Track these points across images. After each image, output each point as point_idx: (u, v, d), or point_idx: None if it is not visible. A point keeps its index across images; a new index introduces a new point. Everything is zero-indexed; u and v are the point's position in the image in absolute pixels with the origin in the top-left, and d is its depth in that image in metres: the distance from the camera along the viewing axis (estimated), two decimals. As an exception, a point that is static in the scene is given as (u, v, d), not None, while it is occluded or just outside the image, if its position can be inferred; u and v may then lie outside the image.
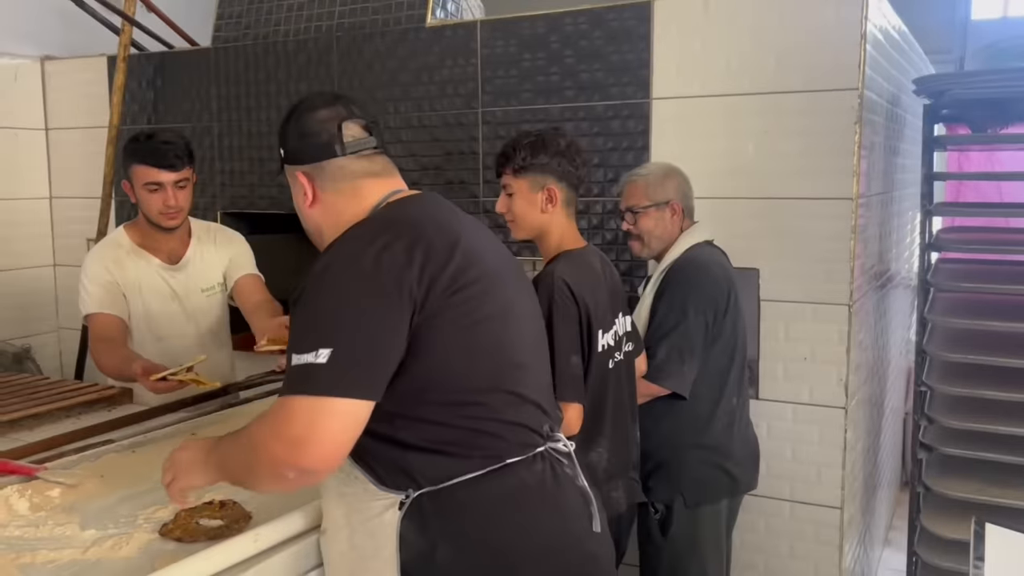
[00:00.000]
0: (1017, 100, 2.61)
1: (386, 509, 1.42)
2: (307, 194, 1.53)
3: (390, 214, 1.47)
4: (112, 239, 2.60)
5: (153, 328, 2.53)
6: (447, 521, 1.40)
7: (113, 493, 1.74)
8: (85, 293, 2.48)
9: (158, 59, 3.82)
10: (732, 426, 2.37)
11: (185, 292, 2.58)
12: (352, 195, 1.51)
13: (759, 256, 2.69)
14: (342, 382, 1.28)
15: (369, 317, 1.32)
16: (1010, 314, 2.92)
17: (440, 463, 1.40)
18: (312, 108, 1.54)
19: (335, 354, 1.28)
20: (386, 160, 1.58)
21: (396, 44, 3.23)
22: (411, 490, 1.40)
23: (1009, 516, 2.67)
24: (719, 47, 2.70)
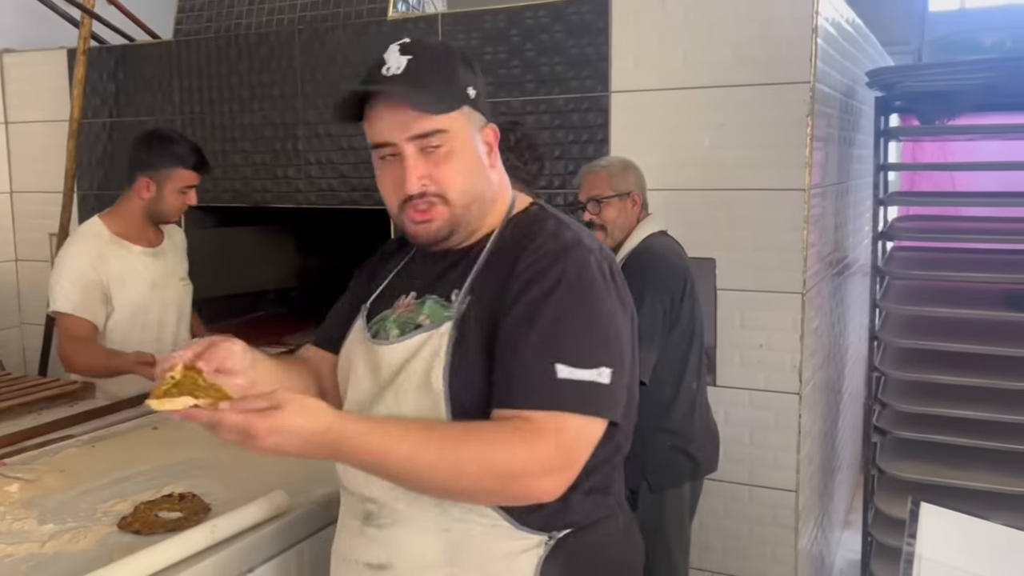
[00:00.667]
0: (964, 92, 2.68)
1: (524, 551, 1.25)
2: (493, 151, 1.33)
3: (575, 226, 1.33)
4: (90, 231, 2.61)
5: (138, 315, 2.59)
6: (591, 560, 1.30)
7: (72, 488, 1.75)
8: (61, 290, 2.49)
9: (119, 52, 3.80)
10: (693, 410, 2.43)
11: (164, 279, 2.67)
12: (504, 172, 1.38)
13: (715, 246, 2.74)
14: (615, 408, 1.20)
15: (624, 337, 1.26)
16: (961, 301, 2.99)
17: (588, 500, 1.29)
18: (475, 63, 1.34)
19: (613, 376, 1.18)
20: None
21: (358, 37, 3.24)
22: (555, 531, 1.26)
23: (960, 497, 2.75)
24: (676, 41, 2.74)
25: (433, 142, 1.24)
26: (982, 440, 2.81)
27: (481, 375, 1.22)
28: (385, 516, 1.29)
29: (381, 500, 1.29)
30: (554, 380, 1.15)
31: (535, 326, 1.19)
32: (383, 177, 1.30)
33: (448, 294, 1.29)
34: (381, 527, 1.29)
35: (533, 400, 1.16)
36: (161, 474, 1.81)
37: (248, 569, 1.50)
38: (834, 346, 3.34)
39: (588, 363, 1.17)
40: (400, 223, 1.32)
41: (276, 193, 3.47)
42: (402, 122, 1.24)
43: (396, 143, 1.25)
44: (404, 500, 1.26)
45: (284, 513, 1.60)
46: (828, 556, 3.51)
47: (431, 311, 1.29)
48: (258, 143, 3.48)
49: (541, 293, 1.21)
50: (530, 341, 1.18)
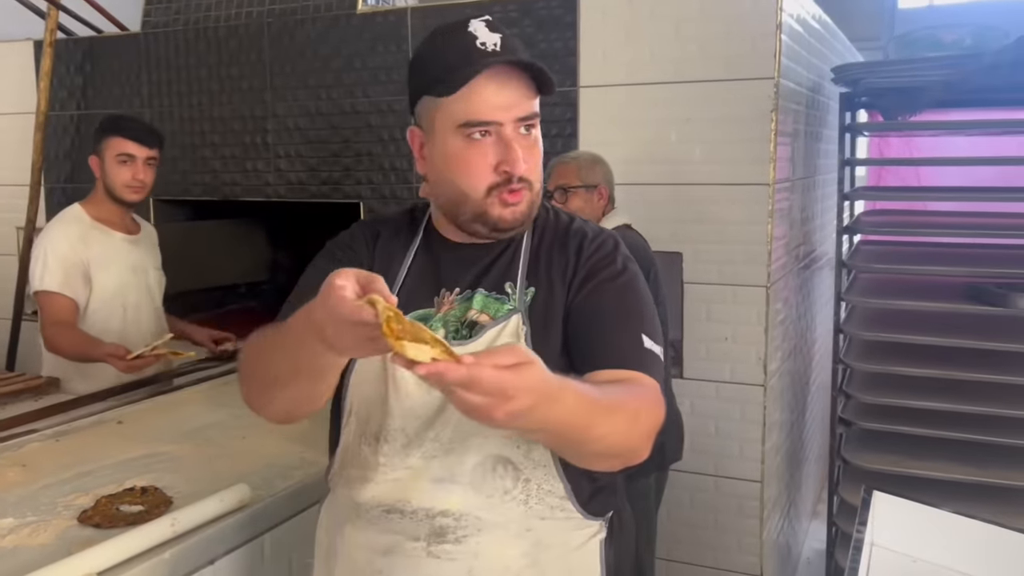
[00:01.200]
0: (925, 88, 2.72)
1: (589, 539, 1.27)
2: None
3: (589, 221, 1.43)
4: (72, 215, 2.66)
5: (119, 300, 2.63)
6: (627, 537, 1.36)
7: (34, 482, 1.75)
8: (44, 268, 2.54)
9: (87, 44, 3.76)
10: None
11: (143, 266, 2.73)
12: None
13: (682, 240, 2.76)
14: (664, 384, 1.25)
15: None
16: (924, 294, 3.04)
17: (618, 482, 1.35)
18: None
19: (664, 355, 1.27)
20: None
21: (327, 30, 3.23)
22: (609, 512, 1.31)
23: (922, 486, 2.80)
24: (643, 36, 2.76)
25: (532, 123, 1.23)
26: (944, 431, 2.86)
27: (557, 364, 1.13)
28: (463, 527, 1.22)
29: (457, 511, 1.22)
30: (643, 348, 1.21)
31: (620, 301, 1.25)
32: (471, 156, 1.21)
33: (500, 287, 1.27)
34: (459, 540, 1.22)
35: (631, 362, 1.20)
36: (124, 468, 1.82)
37: (209, 561, 1.51)
38: (802, 338, 3.38)
39: (656, 338, 1.25)
40: (479, 208, 1.23)
41: (245, 186, 3.46)
42: (511, 101, 1.20)
43: (501, 122, 1.20)
44: (485, 505, 1.21)
45: (246, 506, 1.61)
46: (795, 546, 3.56)
47: (484, 305, 1.26)
48: (227, 136, 3.46)
49: (614, 273, 1.27)
50: (619, 314, 1.24)
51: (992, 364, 2.79)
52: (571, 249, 1.30)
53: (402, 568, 1.23)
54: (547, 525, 1.23)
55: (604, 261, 1.29)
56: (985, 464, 2.83)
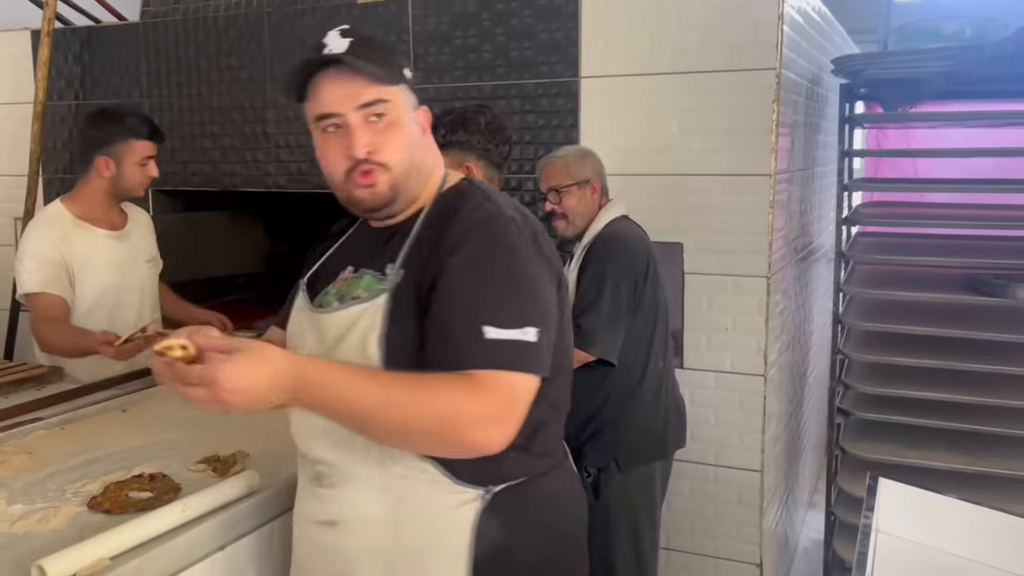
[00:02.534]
0: (925, 80, 2.73)
1: (461, 504, 1.33)
2: (426, 132, 1.42)
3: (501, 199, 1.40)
4: (53, 214, 2.61)
5: (104, 298, 2.59)
6: (524, 515, 1.37)
7: (42, 468, 1.75)
8: (27, 272, 2.50)
9: (85, 34, 3.75)
10: (660, 389, 2.47)
11: (131, 262, 2.68)
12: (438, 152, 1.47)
13: (683, 230, 2.77)
14: (542, 364, 1.26)
15: (549, 299, 1.32)
16: (922, 285, 3.06)
17: (522, 458, 1.36)
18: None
19: (539, 335, 1.25)
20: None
21: (327, 20, 3.22)
22: (491, 485, 1.34)
23: (919, 475, 2.82)
24: (644, 26, 2.77)
25: (377, 110, 1.32)
26: (941, 421, 2.88)
27: (414, 344, 1.29)
28: (333, 476, 1.38)
29: (329, 461, 1.38)
30: (483, 341, 1.21)
31: (462, 292, 1.26)
32: (326, 149, 1.36)
33: (383, 268, 1.37)
34: (331, 486, 1.39)
35: (466, 361, 1.21)
36: (130, 455, 1.82)
37: (220, 547, 1.52)
38: (800, 329, 3.40)
39: (513, 323, 1.23)
40: (344, 193, 1.38)
41: (245, 177, 3.46)
42: (348, 93, 1.31)
43: (342, 113, 1.32)
44: (348, 460, 1.36)
45: (254, 492, 1.61)
46: (793, 535, 3.59)
47: (367, 284, 1.37)
48: (227, 126, 3.46)
49: (466, 260, 1.27)
50: (456, 306, 1.25)
51: (989, 354, 2.82)
52: (441, 233, 1.33)
53: (301, 499, 1.48)
54: (407, 484, 1.33)
55: (459, 245, 1.29)
56: (982, 453, 2.86)
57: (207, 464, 1.74)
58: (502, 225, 1.32)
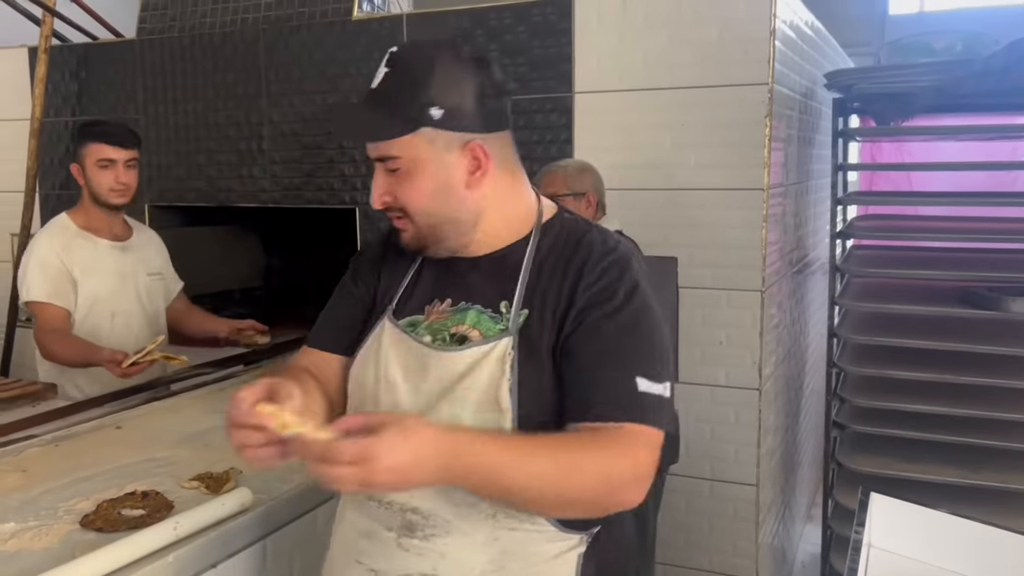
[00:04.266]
0: (917, 94, 2.75)
1: (565, 551, 1.27)
2: (483, 169, 1.24)
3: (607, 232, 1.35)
4: (58, 224, 2.68)
5: (106, 306, 2.63)
6: (615, 555, 1.34)
7: (34, 487, 1.75)
8: (33, 280, 2.55)
9: (82, 50, 3.77)
10: None
11: (134, 271, 2.71)
12: (519, 180, 1.33)
13: (677, 245, 2.78)
14: (667, 419, 1.22)
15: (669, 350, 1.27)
16: (917, 298, 3.07)
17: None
18: (487, 65, 1.26)
19: (672, 389, 1.22)
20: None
21: (322, 37, 3.24)
22: (594, 527, 1.30)
23: (916, 489, 2.82)
24: (636, 42, 2.78)
25: (389, 165, 1.25)
26: (937, 434, 2.88)
27: (548, 392, 1.22)
28: (431, 527, 1.25)
29: (426, 510, 1.25)
30: (636, 393, 1.17)
31: (614, 340, 1.20)
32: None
33: (495, 305, 1.27)
34: (426, 538, 1.25)
35: (618, 413, 1.17)
36: (124, 473, 1.81)
37: (212, 564, 1.51)
38: (795, 343, 3.40)
39: (659, 377, 1.19)
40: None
41: (241, 192, 3.47)
42: (369, 143, 1.27)
43: (372, 158, 1.28)
44: (453, 511, 1.24)
45: (247, 509, 1.61)
46: (790, 549, 3.58)
47: (478, 322, 1.27)
48: (223, 142, 3.47)
49: (613, 309, 1.21)
50: (610, 355, 1.19)
51: (984, 367, 2.82)
52: (572, 269, 1.26)
53: (376, 553, 1.29)
54: (516, 536, 1.25)
55: (604, 293, 1.23)
56: (978, 467, 2.86)
57: (200, 481, 1.74)
58: (636, 269, 1.27)
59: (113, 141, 2.57)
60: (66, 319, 2.57)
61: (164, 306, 2.84)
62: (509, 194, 1.30)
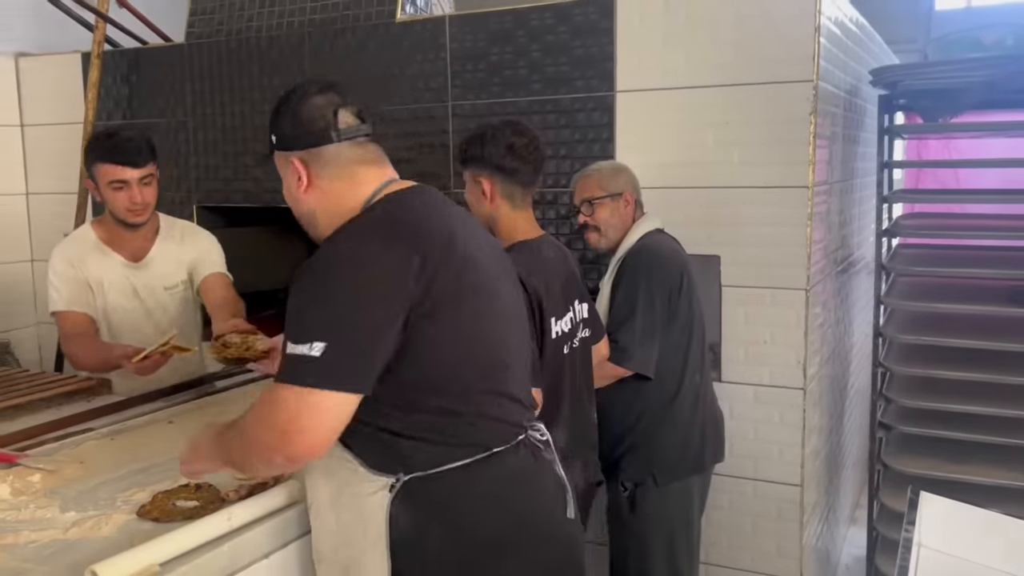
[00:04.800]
0: (966, 90, 2.71)
1: (376, 491, 1.47)
2: (302, 179, 1.56)
3: (390, 210, 1.51)
4: (78, 235, 2.65)
5: (112, 325, 2.58)
6: (437, 505, 1.47)
7: (92, 478, 1.80)
8: (53, 291, 2.54)
9: (132, 55, 3.86)
10: (697, 403, 2.46)
11: (147, 290, 2.61)
12: (349, 181, 1.55)
13: (720, 243, 2.77)
14: (333, 376, 1.34)
15: (365, 314, 1.37)
16: (964, 297, 3.02)
17: (430, 450, 1.46)
18: (307, 95, 1.56)
19: (328, 348, 1.33)
20: (378, 148, 1.62)
21: (367, 39, 3.28)
22: (401, 474, 1.46)
23: (964, 491, 2.78)
24: (679, 41, 2.78)
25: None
26: (986, 435, 2.84)
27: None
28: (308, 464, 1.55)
29: None
30: (285, 356, 1.37)
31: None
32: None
33: None
34: (305, 471, 1.59)
35: (277, 376, 1.38)
36: (177, 465, 1.84)
37: (264, 554, 1.56)
38: (839, 343, 3.37)
39: (300, 339, 1.35)
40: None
41: (287, 193, 3.52)
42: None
43: None
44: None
45: (296, 502, 1.65)
46: (834, 552, 3.54)
47: None
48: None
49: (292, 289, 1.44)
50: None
51: (1035, 367, 2.77)
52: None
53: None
54: (342, 473, 1.51)
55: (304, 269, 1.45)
56: (1028, 468, 2.81)
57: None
58: (334, 244, 1.46)
59: (124, 160, 2.42)
60: (88, 323, 2.53)
61: (190, 315, 2.74)
62: (340, 195, 1.55)
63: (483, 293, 1.53)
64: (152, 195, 2.51)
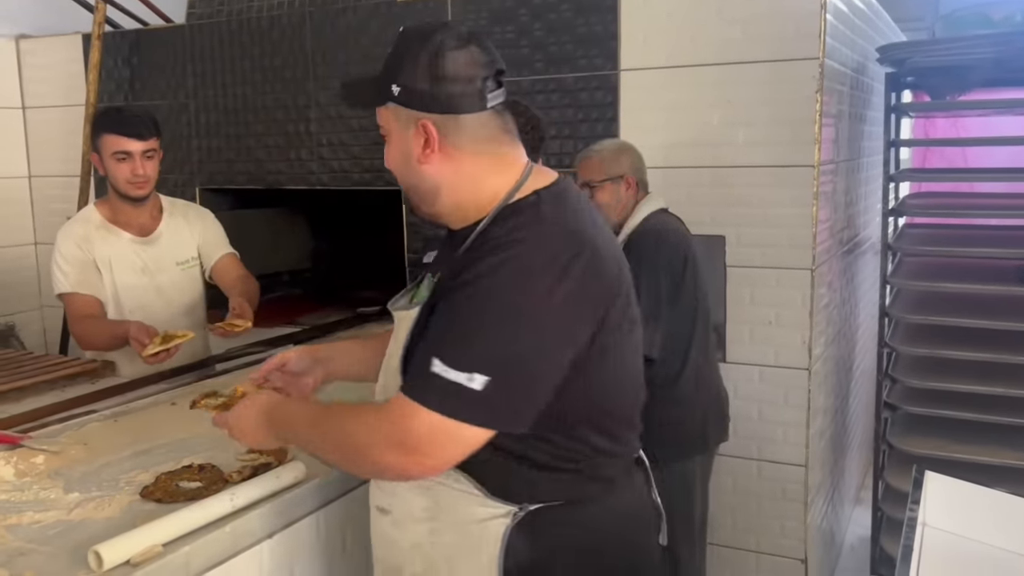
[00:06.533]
0: (974, 67, 2.68)
1: (492, 518, 1.34)
2: (430, 145, 1.32)
3: (566, 222, 1.31)
4: (82, 215, 2.65)
5: (121, 303, 2.57)
6: (565, 536, 1.35)
7: (96, 459, 1.80)
8: (60, 272, 2.53)
9: (133, 37, 3.84)
10: (699, 384, 2.44)
11: (157, 266, 2.62)
12: (495, 160, 1.34)
13: (725, 224, 2.75)
14: (486, 413, 1.21)
15: (539, 351, 1.22)
16: (971, 276, 3.00)
17: (565, 481, 1.35)
18: (451, 47, 1.29)
19: (491, 383, 1.18)
20: (512, 117, 1.40)
21: (368, 19, 3.26)
22: (526, 504, 1.33)
23: (969, 471, 2.77)
24: (684, 18, 2.75)
25: (381, 132, 1.40)
26: (992, 415, 2.83)
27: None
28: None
29: None
30: (427, 374, 1.20)
31: (437, 317, 1.26)
32: None
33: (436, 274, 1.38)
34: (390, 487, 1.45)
35: (406, 387, 1.24)
36: (180, 447, 1.86)
37: (268, 535, 1.55)
38: (845, 323, 3.35)
39: (458, 365, 1.19)
40: None
41: (289, 175, 3.51)
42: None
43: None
44: None
45: (300, 483, 1.65)
46: (839, 532, 3.54)
47: (426, 291, 1.39)
48: (271, 126, 3.51)
49: (455, 287, 1.25)
50: (428, 332, 1.27)
51: (1042, 347, 2.75)
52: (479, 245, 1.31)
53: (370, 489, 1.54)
54: (444, 490, 1.36)
55: (463, 270, 1.26)
56: (1034, 448, 2.80)
57: (258, 453, 1.78)
58: (512, 253, 1.24)
59: (129, 132, 2.45)
60: (96, 306, 2.52)
61: (198, 291, 2.73)
62: (484, 175, 1.34)
63: (637, 321, 1.40)
64: (154, 170, 2.53)
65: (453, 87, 1.29)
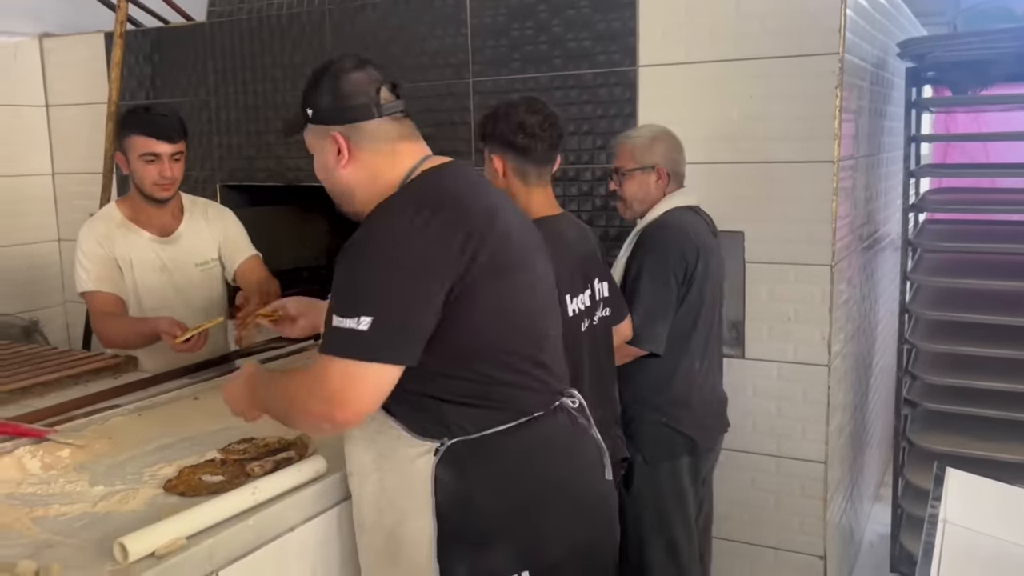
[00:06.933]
0: (996, 62, 2.65)
1: (420, 456, 1.52)
2: (342, 154, 1.56)
3: (430, 186, 1.53)
4: (104, 213, 2.67)
5: (141, 301, 2.59)
6: (483, 466, 1.51)
7: (120, 453, 1.83)
8: (82, 270, 2.55)
9: (155, 35, 3.87)
10: (691, 388, 2.40)
11: (176, 265, 2.63)
12: (389, 157, 1.56)
13: (744, 219, 2.75)
14: (380, 349, 1.39)
15: (410, 288, 1.42)
16: (992, 273, 2.98)
17: (475, 415, 1.51)
18: (346, 70, 1.56)
19: (376, 322, 1.38)
20: (413, 124, 1.63)
21: (387, 16, 3.27)
22: (446, 439, 1.50)
23: (990, 468, 2.75)
24: (703, 14, 2.74)
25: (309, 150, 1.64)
26: (1013, 412, 2.81)
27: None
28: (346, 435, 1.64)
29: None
30: (330, 328, 1.42)
31: (333, 282, 1.47)
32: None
33: None
34: (347, 442, 1.65)
35: (320, 346, 1.44)
36: (203, 441, 1.89)
37: (289, 528, 1.57)
38: (864, 319, 3.34)
39: (349, 312, 1.40)
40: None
41: (309, 172, 3.46)
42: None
43: None
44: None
45: (321, 477, 1.66)
46: (858, 528, 3.53)
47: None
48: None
49: (340, 254, 1.47)
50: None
51: (1065, 344, 2.73)
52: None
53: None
54: (383, 439, 1.56)
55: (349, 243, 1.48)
56: (1056, 446, 2.78)
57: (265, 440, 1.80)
58: (378, 221, 1.48)
59: (159, 134, 2.46)
60: (118, 304, 2.54)
61: (218, 292, 2.75)
62: (380, 170, 1.56)
63: (521, 266, 1.57)
64: (180, 172, 2.56)
65: (351, 100, 1.54)
